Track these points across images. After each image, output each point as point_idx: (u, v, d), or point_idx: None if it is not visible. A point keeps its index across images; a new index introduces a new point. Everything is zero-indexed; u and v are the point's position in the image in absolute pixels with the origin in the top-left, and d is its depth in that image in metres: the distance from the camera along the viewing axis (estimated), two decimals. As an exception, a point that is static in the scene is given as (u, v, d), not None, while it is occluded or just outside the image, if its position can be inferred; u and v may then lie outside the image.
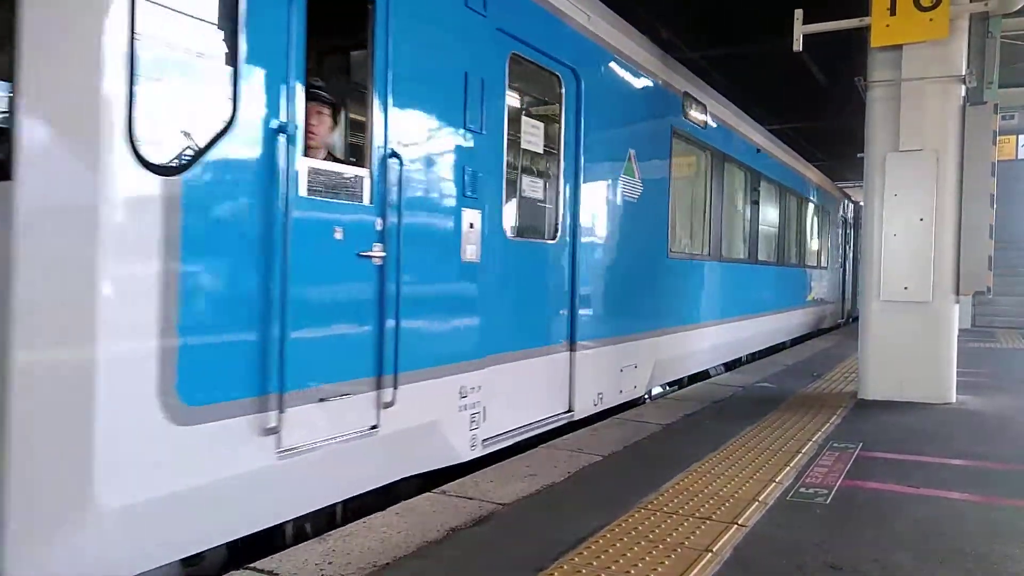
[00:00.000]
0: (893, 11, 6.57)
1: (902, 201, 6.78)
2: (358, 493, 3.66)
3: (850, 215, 19.87)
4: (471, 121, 4.31)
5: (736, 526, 3.40)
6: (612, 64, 6.17)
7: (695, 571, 2.89)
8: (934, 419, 6.10)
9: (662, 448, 5.00)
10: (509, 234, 4.87)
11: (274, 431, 3.08)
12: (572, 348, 5.54)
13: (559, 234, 5.44)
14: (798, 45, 7.11)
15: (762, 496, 3.86)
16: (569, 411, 5.50)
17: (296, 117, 3.22)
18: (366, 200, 3.60)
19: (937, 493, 4.04)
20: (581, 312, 5.59)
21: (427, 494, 3.84)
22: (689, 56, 10.04)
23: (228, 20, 2.97)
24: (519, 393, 4.92)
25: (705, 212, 8.77)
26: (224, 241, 2.93)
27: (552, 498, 3.85)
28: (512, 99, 5.19)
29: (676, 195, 7.66)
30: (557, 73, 5.39)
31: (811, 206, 14.91)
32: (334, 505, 3.64)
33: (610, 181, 6.12)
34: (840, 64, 11.90)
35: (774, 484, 4.09)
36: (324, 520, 3.63)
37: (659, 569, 2.90)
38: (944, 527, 3.50)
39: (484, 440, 4.52)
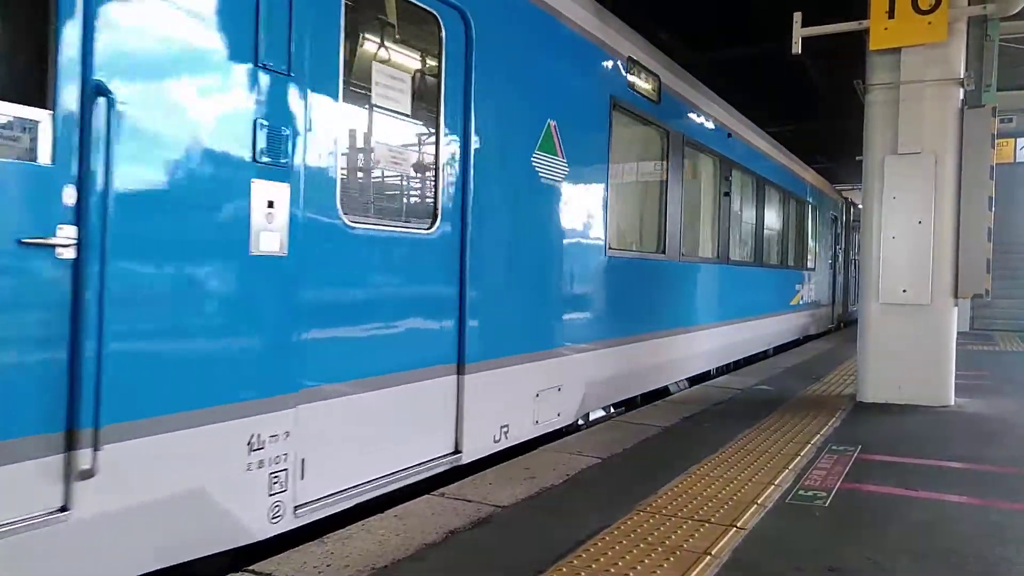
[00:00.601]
0: (892, 14, 6.59)
1: (901, 204, 6.80)
2: None
3: (843, 214, 18.78)
4: (269, 56, 3.09)
5: (735, 528, 3.40)
6: (520, 10, 4.88)
7: (694, 574, 2.89)
8: (932, 422, 6.11)
9: (661, 451, 5.00)
10: (349, 219, 3.55)
11: None
12: (461, 370, 4.26)
13: (438, 223, 4.11)
14: (797, 48, 7.13)
15: (761, 499, 3.86)
16: (456, 452, 4.26)
17: None
18: (43, 157, 2.40)
19: (935, 496, 4.04)
20: (474, 323, 4.32)
21: (426, 496, 3.84)
22: (690, 59, 10.02)
23: None
24: (369, 435, 3.69)
25: (660, 203, 7.35)
26: None
27: (551, 500, 3.85)
28: (360, 39, 4.00)
29: (619, 180, 6.38)
30: (433, 12, 4.11)
31: (797, 202, 13.60)
32: None
33: (517, 158, 4.83)
34: (839, 67, 11.93)
35: (773, 487, 4.09)
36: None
37: (658, 572, 2.90)
38: (942, 530, 3.51)
39: (299, 507, 3.27)
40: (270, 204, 3.11)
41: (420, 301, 4.05)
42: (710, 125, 8.69)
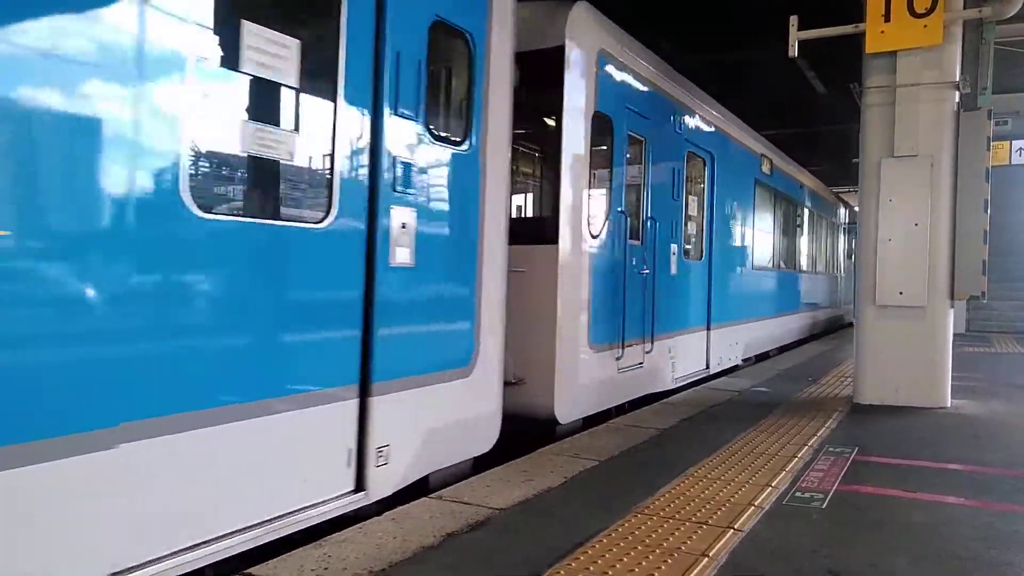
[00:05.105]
0: (888, 17, 6.62)
1: (897, 206, 6.82)
2: None
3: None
4: None
5: (732, 531, 3.40)
6: None
7: (691, 576, 2.89)
8: (929, 423, 6.12)
9: (658, 453, 5.00)
10: None
11: None
12: None
13: None
14: (793, 51, 7.15)
15: (758, 500, 3.86)
16: None
17: None
18: None
19: (932, 498, 4.05)
20: None
21: (423, 499, 3.83)
22: (688, 64, 10.04)
23: None
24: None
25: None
26: None
27: (548, 503, 3.85)
28: None
29: None
30: None
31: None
32: None
33: None
34: (836, 70, 11.98)
35: (770, 488, 4.09)
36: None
37: (655, 574, 2.90)
38: (939, 532, 3.51)
39: None
40: None
41: None
42: None
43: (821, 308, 16.17)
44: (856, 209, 18.29)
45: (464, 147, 4.37)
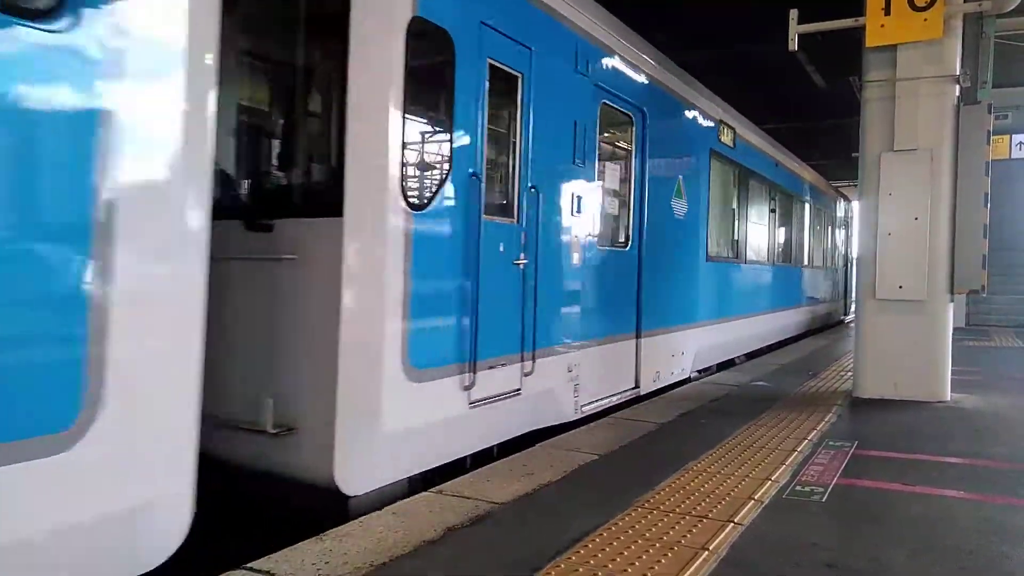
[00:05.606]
0: (888, 11, 6.60)
1: (897, 200, 6.81)
2: None
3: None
4: None
5: (732, 524, 3.41)
6: None
7: (691, 569, 2.89)
8: (929, 417, 6.12)
9: (658, 447, 5.01)
10: None
11: None
12: None
13: None
14: (793, 45, 7.14)
15: (758, 494, 3.87)
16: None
17: None
18: None
19: (932, 491, 4.05)
20: None
21: (424, 494, 3.84)
22: (686, 58, 10.01)
23: None
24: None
25: None
26: None
27: (549, 497, 3.86)
28: None
29: None
30: None
31: None
32: None
33: None
34: (836, 64, 11.95)
35: (770, 482, 4.10)
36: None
37: (656, 568, 2.90)
38: (938, 525, 3.52)
39: None
40: None
41: None
42: None
43: (803, 305, 14.22)
44: (845, 194, 17.82)
45: (56, 25, 2.28)
